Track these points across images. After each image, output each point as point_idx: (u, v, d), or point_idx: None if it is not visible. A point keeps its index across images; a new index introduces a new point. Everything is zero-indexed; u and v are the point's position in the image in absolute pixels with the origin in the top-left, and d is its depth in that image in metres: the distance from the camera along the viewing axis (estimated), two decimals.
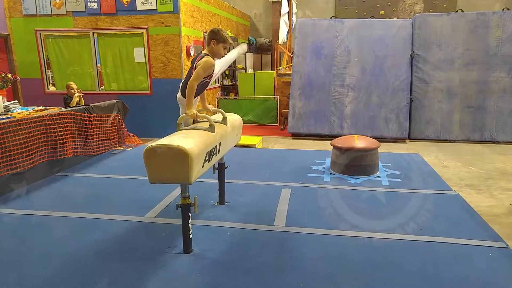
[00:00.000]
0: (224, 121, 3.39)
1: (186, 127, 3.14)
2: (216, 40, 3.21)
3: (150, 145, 2.61)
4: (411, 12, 11.73)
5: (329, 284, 2.53)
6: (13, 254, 2.97)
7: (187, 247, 2.93)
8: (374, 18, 7.85)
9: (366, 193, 4.29)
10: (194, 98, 3.26)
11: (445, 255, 2.89)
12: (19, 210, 3.81)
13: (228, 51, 3.45)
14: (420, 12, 11.34)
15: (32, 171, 4.49)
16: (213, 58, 3.22)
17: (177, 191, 4.13)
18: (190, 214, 2.88)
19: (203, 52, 3.30)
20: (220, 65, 3.60)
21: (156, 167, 2.61)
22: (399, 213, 3.68)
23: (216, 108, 3.60)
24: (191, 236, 2.94)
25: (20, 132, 4.29)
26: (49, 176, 4.85)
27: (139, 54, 7.34)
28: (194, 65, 3.22)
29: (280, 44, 10.00)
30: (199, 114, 3.16)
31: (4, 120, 4.19)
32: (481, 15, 7.11)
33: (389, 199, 4.09)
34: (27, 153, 4.37)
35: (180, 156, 2.52)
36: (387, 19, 9.22)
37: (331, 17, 7.87)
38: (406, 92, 7.27)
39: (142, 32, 7.22)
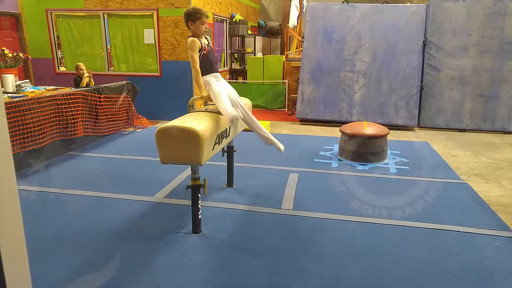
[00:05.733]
0: None
1: (196, 110, 3.15)
2: (192, 21, 3.13)
3: (162, 126, 2.63)
4: None
5: (335, 267, 2.57)
6: (26, 230, 3.03)
7: (196, 227, 2.98)
8: (387, 3, 7.70)
9: (374, 180, 4.30)
10: (212, 73, 3.22)
11: (452, 243, 2.91)
12: (30, 187, 3.88)
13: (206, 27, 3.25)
14: None
15: (43, 150, 4.55)
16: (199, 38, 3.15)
17: (185, 173, 4.18)
18: (199, 195, 2.92)
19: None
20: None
21: (168, 147, 2.64)
22: (406, 200, 3.69)
23: None
24: (200, 216, 2.98)
25: (32, 111, 4.34)
26: (60, 155, 4.92)
27: (149, 36, 7.31)
28: None
29: (290, 28, 9.88)
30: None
31: (17, 99, 4.23)
32: (498, 1, 6.93)
33: (397, 186, 4.10)
34: (39, 132, 4.43)
35: (192, 137, 2.54)
36: (400, 4, 9.03)
37: (343, 2, 7.74)
38: (417, 79, 7.17)
39: (152, 14, 7.17)
